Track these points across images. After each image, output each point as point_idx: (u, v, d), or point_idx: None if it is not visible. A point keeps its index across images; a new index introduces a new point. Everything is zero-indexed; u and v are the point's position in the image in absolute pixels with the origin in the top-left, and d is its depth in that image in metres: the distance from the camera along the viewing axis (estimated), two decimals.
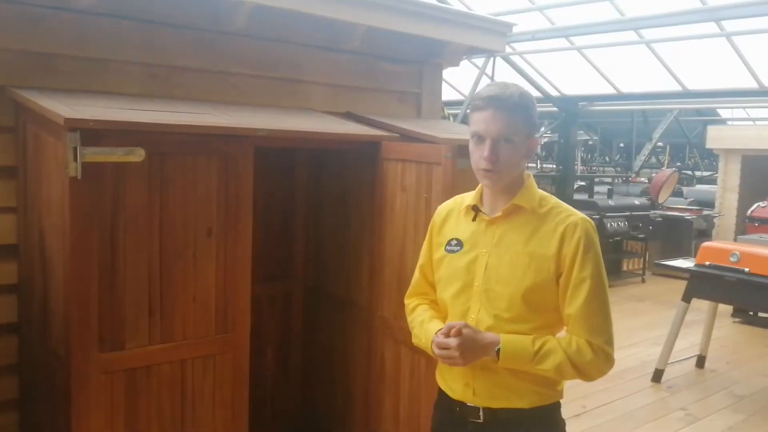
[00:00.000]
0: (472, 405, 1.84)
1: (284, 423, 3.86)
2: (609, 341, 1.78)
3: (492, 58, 8.40)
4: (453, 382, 1.90)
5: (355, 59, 3.84)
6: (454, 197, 2.03)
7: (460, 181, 2.75)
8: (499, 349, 1.74)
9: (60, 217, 2.36)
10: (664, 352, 5.54)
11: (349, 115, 3.72)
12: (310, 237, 3.82)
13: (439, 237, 1.97)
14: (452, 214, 1.98)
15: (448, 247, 1.91)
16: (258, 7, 3.10)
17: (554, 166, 13.22)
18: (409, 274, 2.95)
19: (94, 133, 2.24)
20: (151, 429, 2.49)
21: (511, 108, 1.76)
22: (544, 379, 1.82)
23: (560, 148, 11.35)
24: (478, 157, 1.79)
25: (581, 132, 13.34)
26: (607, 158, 17.72)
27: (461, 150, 3.20)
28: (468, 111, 1.86)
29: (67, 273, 2.31)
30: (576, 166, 12.47)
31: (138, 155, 2.32)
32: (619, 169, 16.15)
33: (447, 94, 11.12)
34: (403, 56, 4.04)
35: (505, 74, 10.20)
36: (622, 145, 18.12)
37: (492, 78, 7.68)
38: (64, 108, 2.33)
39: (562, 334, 1.87)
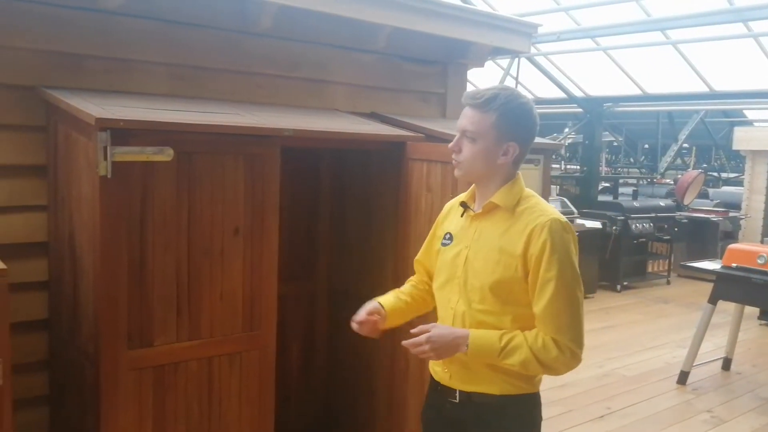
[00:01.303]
0: (449, 386, 1.97)
1: (308, 421, 3.87)
2: (575, 339, 1.81)
3: (516, 59, 8.37)
4: (435, 365, 2.04)
5: (380, 60, 3.86)
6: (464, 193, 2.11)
7: None
8: (468, 344, 1.82)
9: (90, 215, 2.39)
10: (690, 354, 5.48)
11: (373, 116, 3.73)
12: (335, 237, 3.83)
13: (440, 231, 2.09)
14: (453, 210, 2.08)
15: (443, 241, 2.03)
16: (284, 7, 3.12)
17: (578, 167, 13.13)
18: None
19: (123, 133, 2.27)
20: (178, 425, 2.51)
21: (480, 107, 1.84)
22: (514, 371, 1.87)
23: (585, 149, 11.27)
24: None
25: (606, 133, 13.22)
26: (631, 159, 17.56)
27: None
28: None
29: (96, 271, 2.35)
30: (600, 168, 12.37)
31: (167, 155, 2.35)
32: (644, 170, 15.99)
33: None
34: (427, 57, 4.04)
35: (529, 75, 10.17)
36: (647, 146, 17.94)
37: (516, 79, 7.65)
38: (95, 108, 2.36)
39: None
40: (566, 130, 13.49)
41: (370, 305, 2.06)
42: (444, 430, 2.02)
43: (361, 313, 2.05)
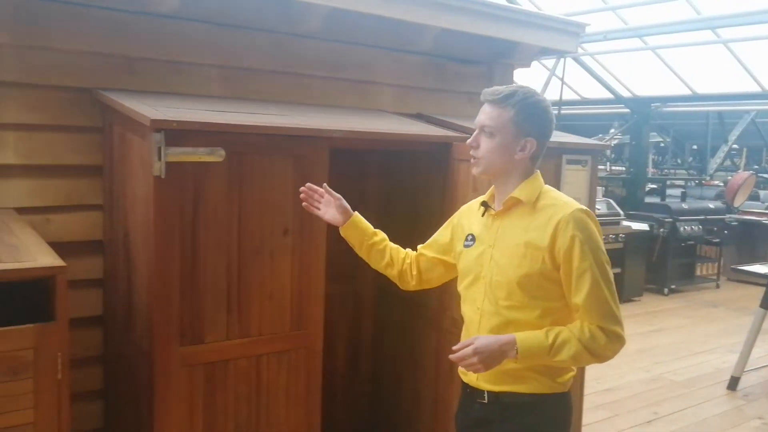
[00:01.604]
0: (477, 387, 1.97)
1: (354, 421, 3.90)
2: (618, 322, 1.83)
3: (562, 59, 8.28)
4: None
5: (426, 60, 3.86)
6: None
7: None
8: (517, 349, 1.80)
9: (144, 214, 2.45)
10: (741, 360, 5.34)
11: (419, 116, 3.74)
12: None
13: (459, 230, 2.11)
14: (471, 211, 2.10)
15: (465, 243, 2.04)
16: (332, 9, 3.14)
17: (624, 168, 12.91)
18: None
19: (177, 134, 2.32)
20: (227, 421, 2.55)
21: (498, 102, 1.88)
22: (546, 368, 1.88)
23: (632, 150, 11.08)
24: None
25: (653, 134, 12.97)
26: (679, 160, 17.19)
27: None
28: None
29: (150, 269, 2.40)
30: (647, 169, 12.14)
31: (219, 155, 2.39)
32: (692, 171, 15.64)
33: None
34: (473, 57, 4.03)
35: (575, 75, 10.05)
36: (695, 147, 17.52)
37: (562, 79, 7.57)
38: (149, 109, 2.42)
39: None
40: (612, 130, 13.27)
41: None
42: (472, 429, 2.03)
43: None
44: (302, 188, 2.26)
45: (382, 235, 2.28)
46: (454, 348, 1.84)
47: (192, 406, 2.47)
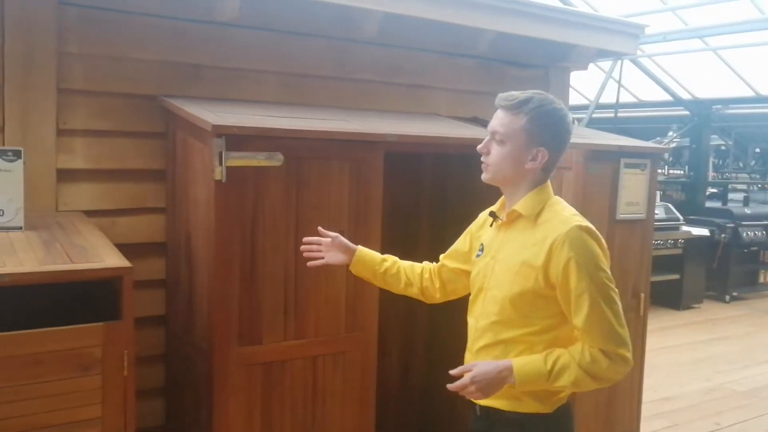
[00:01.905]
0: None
1: (407, 424, 3.90)
2: (622, 344, 1.73)
3: (620, 61, 8.14)
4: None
5: (481, 64, 3.85)
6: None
7: (591, 185, 2.71)
8: (514, 377, 1.74)
9: (205, 218, 2.52)
10: None
11: (475, 120, 3.73)
12: (435, 243, 3.84)
13: (476, 239, 2.05)
14: (486, 220, 2.04)
15: (478, 253, 1.99)
16: (388, 15, 3.17)
17: (683, 172, 12.59)
18: None
19: (237, 139, 2.38)
20: (284, 421, 2.60)
21: (511, 108, 1.80)
22: (542, 391, 1.81)
23: (691, 154, 10.80)
24: None
25: (714, 136, 12.61)
26: (741, 164, 16.66)
27: (593, 155, 3.14)
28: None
29: (210, 271, 2.47)
30: (707, 173, 11.81)
31: (278, 160, 2.44)
32: (755, 175, 15.14)
33: (571, 98, 10.86)
34: (529, 60, 4.00)
35: (632, 77, 9.86)
36: (758, 150, 16.96)
37: (619, 82, 7.43)
38: (211, 115, 2.48)
39: None
40: (670, 133, 12.94)
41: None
42: None
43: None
44: (302, 247, 2.21)
45: (392, 259, 2.21)
46: (453, 372, 1.80)
47: (250, 405, 2.52)
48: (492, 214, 1.96)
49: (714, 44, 8.70)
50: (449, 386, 1.80)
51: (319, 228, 2.21)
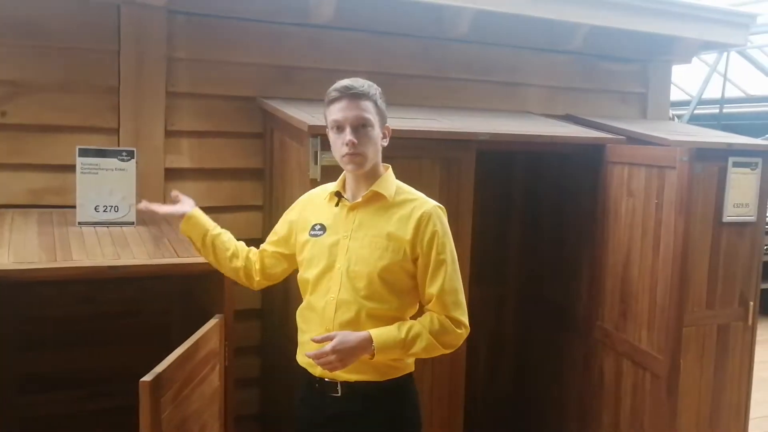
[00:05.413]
0: (330, 380, 1.90)
1: (495, 424, 3.88)
2: (465, 312, 1.91)
3: (726, 53, 7.76)
4: (304, 357, 1.92)
5: (575, 60, 3.77)
6: (320, 186, 2.11)
7: (696, 185, 2.60)
8: (374, 346, 1.80)
9: None
10: None
11: (568, 118, 3.67)
12: (526, 241, 3.80)
13: (302, 222, 2.04)
14: (316, 200, 2.06)
15: (312, 232, 1.98)
16: (480, 12, 3.16)
17: None
18: (635, 284, 2.85)
19: None
20: None
21: (363, 96, 1.89)
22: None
23: None
24: (341, 144, 1.88)
25: None
26: None
27: (699, 153, 3.02)
28: (326, 106, 1.95)
29: None
30: None
31: None
32: None
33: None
34: (626, 54, 3.89)
35: (739, 70, 9.38)
36: None
37: (725, 75, 7.08)
38: (307, 116, 2.55)
39: None
40: None
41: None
42: (323, 428, 1.94)
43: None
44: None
45: (226, 231, 2.16)
46: (315, 339, 1.81)
47: None
48: (338, 194, 1.99)
49: None
50: (308, 354, 1.84)
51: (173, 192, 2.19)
